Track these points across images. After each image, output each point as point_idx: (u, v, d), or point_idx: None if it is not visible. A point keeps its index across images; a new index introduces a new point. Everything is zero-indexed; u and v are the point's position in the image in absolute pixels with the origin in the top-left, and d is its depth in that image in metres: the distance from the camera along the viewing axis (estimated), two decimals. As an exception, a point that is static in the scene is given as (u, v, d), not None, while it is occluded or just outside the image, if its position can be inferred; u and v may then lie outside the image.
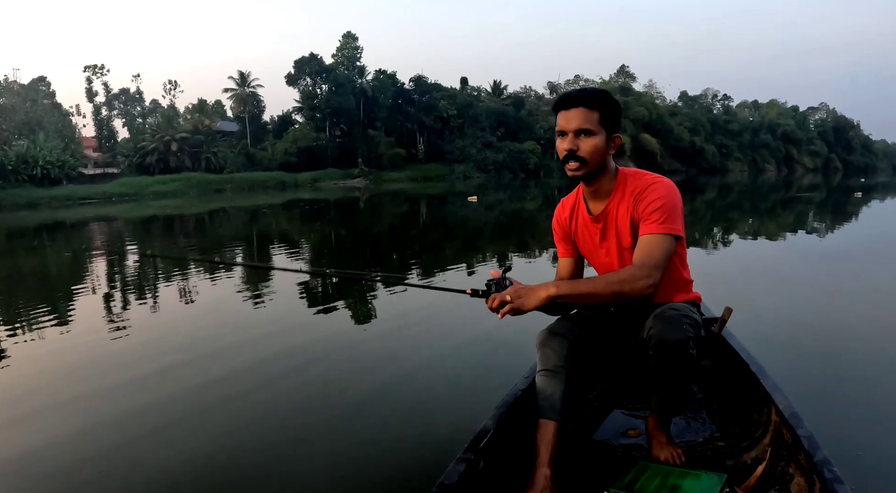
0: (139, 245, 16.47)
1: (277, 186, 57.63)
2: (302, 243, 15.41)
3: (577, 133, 2.33)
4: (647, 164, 77.46)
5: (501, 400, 2.53)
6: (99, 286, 9.67)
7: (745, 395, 2.79)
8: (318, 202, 34.26)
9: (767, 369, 2.74)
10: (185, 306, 7.80)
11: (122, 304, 8.05)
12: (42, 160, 52.03)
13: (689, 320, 2.27)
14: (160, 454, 3.46)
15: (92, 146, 69.62)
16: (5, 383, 4.96)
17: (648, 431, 2.63)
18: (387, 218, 23.24)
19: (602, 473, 2.45)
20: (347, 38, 73.41)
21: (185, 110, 73.40)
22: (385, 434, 3.56)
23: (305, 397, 4.26)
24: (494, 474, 2.27)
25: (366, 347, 5.51)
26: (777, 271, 9.01)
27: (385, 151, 68.36)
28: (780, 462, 2.29)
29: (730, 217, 19.36)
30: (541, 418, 2.33)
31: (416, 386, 4.40)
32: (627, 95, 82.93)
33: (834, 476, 1.88)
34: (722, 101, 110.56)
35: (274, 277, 9.48)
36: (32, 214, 35.99)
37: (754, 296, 6.95)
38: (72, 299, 8.56)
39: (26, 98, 63.55)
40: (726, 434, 2.77)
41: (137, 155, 61.89)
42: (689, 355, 2.26)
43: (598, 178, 2.43)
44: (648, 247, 2.25)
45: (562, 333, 2.48)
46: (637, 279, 2.13)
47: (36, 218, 31.26)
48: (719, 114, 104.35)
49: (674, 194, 2.34)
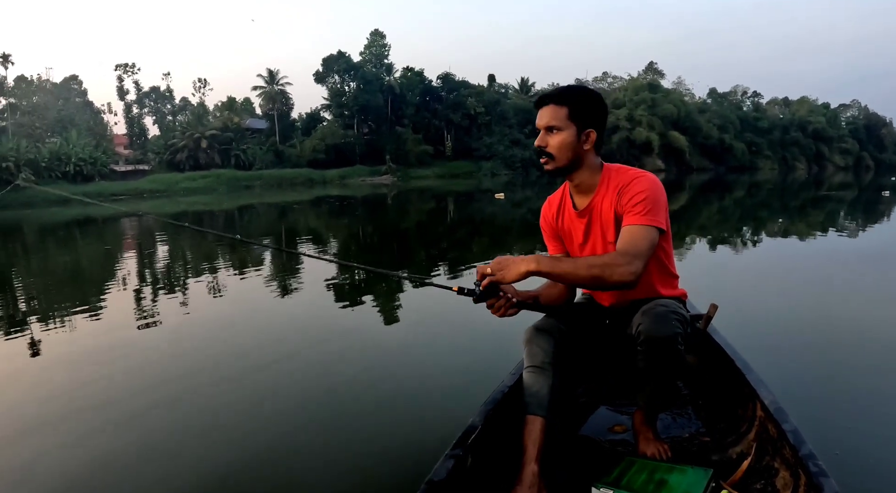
0: (170, 242, 16.65)
1: (306, 183, 57.87)
2: (330, 239, 15.50)
3: (548, 130, 2.37)
4: (676, 161, 77.05)
5: (489, 397, 2.54)
6: (130, 281, 9.80)
7: (731, 391, 2.79)
8: (346, 199, 34.39)
9: (752, 364, 2.75)
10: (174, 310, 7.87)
11: (138, 298, 8.16)
12: (75, 157, 52.72)
13: (677, 316, 2.28)
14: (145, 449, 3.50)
15: (123, 143, 70.43)
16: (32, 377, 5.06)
17: (635, 427, 2.63)
18: (414, 215, 23.28)
19: (589, 468, 2.46)
20: (375, 35, 73.60)
21: (214, 108, 73.91)
22: (373, 432, 3.56)
23: (293, 396, 4.26)
24: (482, 470, 2.28)
25: (352, 345, 5.50)
26: (768, 269, 9.03)
27: (413, 149, 68.44)
28: (766, 457, 2.30)
29: (757, 216, 19.17)
30: (528, 414, 2.34)
31: (402, 384, 4.42)
32: (656, 92, 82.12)
33: (819, 470, 1.89)
34: (752, 98, 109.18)
35: (268, 277, 9.53)
36: (64, 209, 36.47)
37: (746, 293, 7.00)
38: (103, 291, 8.68)
39: (59, 97, 64.53)
40: (712, 430, 2.77)
41: (168, 152, 62.48)
42: (677, 351, 2.27)
43: (573, 173, 2.45)
44: (631, 236, 2.23)
45: (548, 329, 2.49)
46: (618, 265, 2.09)
47: (68, 214, 31.66)
48: (749, 111, 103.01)
49: (657, 188, 2.34)
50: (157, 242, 16.45)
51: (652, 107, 78.64)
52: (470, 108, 71.93)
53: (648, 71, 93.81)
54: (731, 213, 20.59)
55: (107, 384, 4.69)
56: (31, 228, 24.29)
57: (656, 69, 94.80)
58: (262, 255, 12.52)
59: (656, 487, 2.20)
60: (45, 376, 5.09)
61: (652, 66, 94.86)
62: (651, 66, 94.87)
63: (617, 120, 76.11)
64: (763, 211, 20.90)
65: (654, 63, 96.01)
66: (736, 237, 13.11)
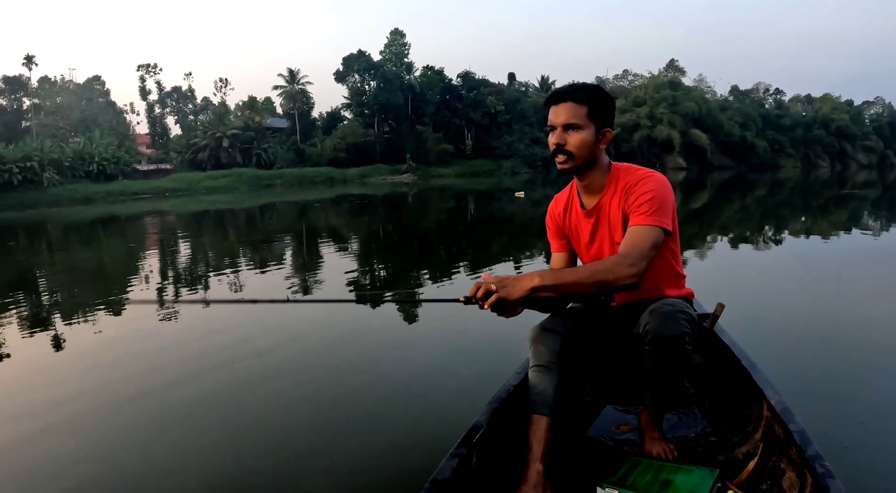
0: (192, 239, 16.78)
1: (326, 182, 58.03)
2: (351, 238, 15.57)
3: (566, 128, 2.34)
4: (697, 160, 76.45)
5: (494, 396, 2.53)
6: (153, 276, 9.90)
7: (737, 390, 2.77)
8: (366, 198, 34.46)
9: (759, 364, 2.72)
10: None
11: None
12: (98, 157, 53.24)
13: (685, 315, 2.27)
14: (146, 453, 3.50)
15: (145, 143, 71.12)
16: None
17: (641, 426, 2.62)
18: (434, 213, 23.27)
19: (594, 468, 2.45)
20: (395, 34, 73.69)
21: (235, 107, 74.24)
22: (378, 432, 3.56)
23: (300, 397, 4.25)
24: (487, 469, 2.28)
25: (358, 345, 5.46)
26: (783, 268, 8.95)
27: (433, 147, 68.43)
28: (772, 457, 2.28)
29: (778, 215, 19.01)
30: (533, 413, 2.33)
31: (407, 383, 4.41)
32: (677, 90, 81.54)
33: (825, 471, 1.87)
34: (774, 95, 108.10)
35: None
36: (88, 208, 36.81)
37: (757, 292, 6.96)
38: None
39: (82, 97, 65.29)
40: (718, 429, 2.76)
41: (189, 151, 62.89)
42: (685, 350, 2.26)
43: (587, 172, 2.43)
44: (635, 237, 2.22)
45: (554, 328, 2.47)
46: (621, 268, 2.10)
47: (92, 212, 31.96)
48: (771, 108, 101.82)
49: (664, 189, 2.32)
50: (179, 239, 16.56)
51: (673, 104, 78.09)
52: (490, 106, 71.78)
53: (669, 68, 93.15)
54: (752, 211, 20.41)
55: (110, 383, 4.75)
56: (58, 225, 24.59)
57: (677, 66, 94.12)
58: (284, 251, 12.60)
59: (662, 487, 2.19)
60: (59, 372, 5.16)
61: (673, 63, 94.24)
62: (672, 63, 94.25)
63: (638, 118, 75.78)
64: (784, 209, 20.71)
65: (675, 60, 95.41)
66: (755, 236, 13.00)
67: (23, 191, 47.78)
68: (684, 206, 21.79)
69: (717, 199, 25.29)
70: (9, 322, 6.82)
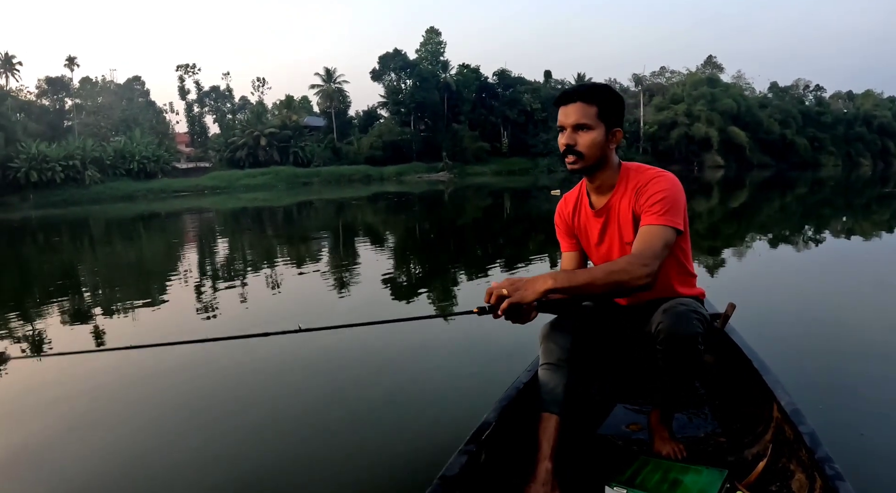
0: (230, 235, 16.97)
1: (363, 180, 58.43)
2: (387, 236, 15.64)
3: (576, 128, 2.31)
4: (736, 158, 75.47)
5: (504, 393, 2.52)
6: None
7: (747, 391, 2.74)
8: (403, 195, 34.61)
9: (770, 365, 2.69)
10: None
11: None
12: (138, 155, 54.30)
13: (698, 315, 2.25)
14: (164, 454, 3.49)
15: (184, 141, 72.19)
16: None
17: (651, 426, 2.60)
18: (471, 211, 23.24)
19: (603, 467, 2.43)
20: (431, 33, 73.85)
21: (272, 106, 74.99)
22: (388, 429, 3.57)
23: (316, 395, 4.24)
24: (496, 466, 2.26)
25: (370, 342, 5.35)
26: (808, 269, 8.80)
27: (469, 145, 68.50)
28: (782, 459, 2.26)
29: (818, 214, 18.70)
30: (543, 411, 2.31)
31: (419, 381, 4.40)
32: (715, 87, 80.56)
33: (835, 473, 1.85)
34: (814, 91, 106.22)
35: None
36: (130, 205, 37.45)
37: (768, 293, 6.88)
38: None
39: (122, 97, 66.58)
40: (728, 430, 2.73)
41: (228, 150, 63.70)
42: (697, 350, 2.24)
43: (598, 172, 2.41)
44: (647, 237, 2.21)
45: (565, 327, 2.45)
46: (634, 268, 2.07)
47: (134, 209, 32.49)
48: (811, 105, 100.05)
49: (676, 188, 2.30)
50: (218, 237, 16.75)
51: (711, 102, 77.16)
52: (526, 104, 71.70)
53: (707, 65, 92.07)
54: (793, 211, 20.10)
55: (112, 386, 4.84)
56: (101, 222, 24.98)
57: (715, 63, 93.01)
58: (320, 249, 12.69)
59: (670, 487, 2.18)
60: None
61: (711, 59, 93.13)
62: (710, 59, 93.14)
63: (675, 115, 75.03)
64: (825, 209, 20.34)
65: (712, 57, 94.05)
66: (791, 236, 12.85)
67: (66, 188, 48.93)
68: (722, 205, 21.57)
69: (757, 198, 24.93)
70: (56, 315, 6.95)
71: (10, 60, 62.12)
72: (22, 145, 49.28)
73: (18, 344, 5.98)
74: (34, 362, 5.36)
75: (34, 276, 11.47)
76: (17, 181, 48.44)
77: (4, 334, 6.27)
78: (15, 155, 48.62)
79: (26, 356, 5.66)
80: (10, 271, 12.61)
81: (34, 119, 58.02)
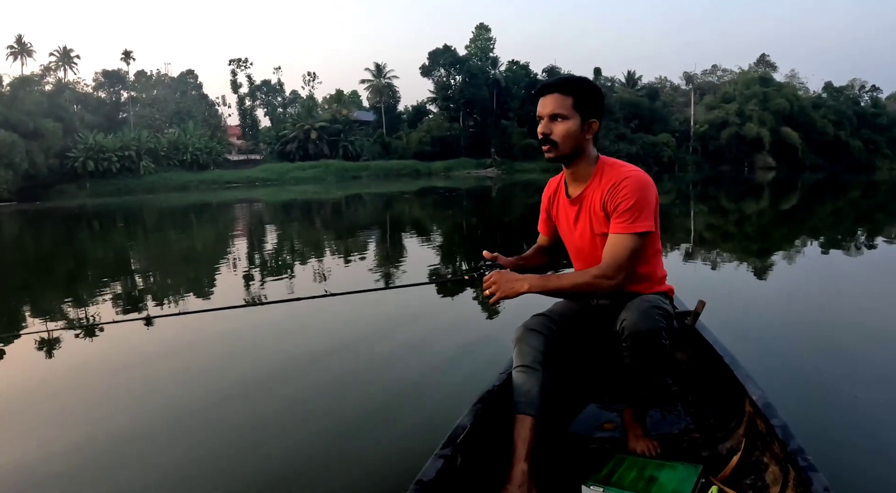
0: (279, 228, 17.19)
1: (411, 174, 58.60)
2: (435, 230, 15.71)
3: (552, 118, 2.44)
4: (787, 159, 73.73)
5: (478, 396, 2.52)
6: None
7: (720, 387, 2.76)
8: (451, 191, 34.69)
9: (741, 360, 2.72)
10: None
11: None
12: (192, 147, 55.27)
13: (660, 311, 2.31)
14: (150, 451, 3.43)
15: (236, 134, 73.19)
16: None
17: (624, 424, 2.63)
18: (518, 208, 23.15)
19: (579, 466, 2.44)
20: (480, 29, 73.62)
21: (323, 100, 75.45)
22: (362, 433, 3.48)
23: (290, 401, 4.11)
24: (472, 469, 2.27)
25: (340, 346, 5.28)
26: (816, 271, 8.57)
27: (517, 142, 68.13)
28: (755, 452, 2.29)
29: (869, 217, 18.29)
30: (518, 413, 2.33)
31: (391, 384, 4.29)
32: (767, 86, 78.58)
33: (808, 464, 1.88)
34: (870, 92, 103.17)
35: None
36: (183, 195, 38.12)
37: (739, 289, 6.90)
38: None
39: (176, 90, 67.73)
40: (701, 426, 2.76)
41: (278, 143, 64.43)
42: (661, 345, 2.30)
43: (574, 161, 2.50)
44: (615, 249, 2.33)
45: (538, 329, 2.50)
46: (600, 281, 2.30)
47: (187, 199, 33.07)
48: (867, 106, 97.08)
49: (646, 190, 2.37)
50: (266, 227, 16.97)
51: (763, 101, 75.29)
52: (576, 101, 71.02)
53: (760, 64, 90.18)
54: (846, 214, 19.72)
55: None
56: (155, 211, 25.47)
57: (768, 62, 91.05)
58: (366, 244, 12.81)
59: (646, 484, 2.21)
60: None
61: (763, 58, 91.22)
62: (763, 58, 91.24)
63: (726, 115, 73.49)
64: (878, 214, 19.94)
65: (765, 55, 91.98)
66: (846, 240, 12.58)
67: (121, 178, 50.02)
68: (773, 208, 21.23)
69: (809, 201, 24.40)
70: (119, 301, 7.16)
71: (68, 54, 63.78)
72: (79, 136, 50.46)
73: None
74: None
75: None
76: (74, 170, 49.56)
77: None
78: (73, 145, 49.77)
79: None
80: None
81: (91, 111, 59.37)
